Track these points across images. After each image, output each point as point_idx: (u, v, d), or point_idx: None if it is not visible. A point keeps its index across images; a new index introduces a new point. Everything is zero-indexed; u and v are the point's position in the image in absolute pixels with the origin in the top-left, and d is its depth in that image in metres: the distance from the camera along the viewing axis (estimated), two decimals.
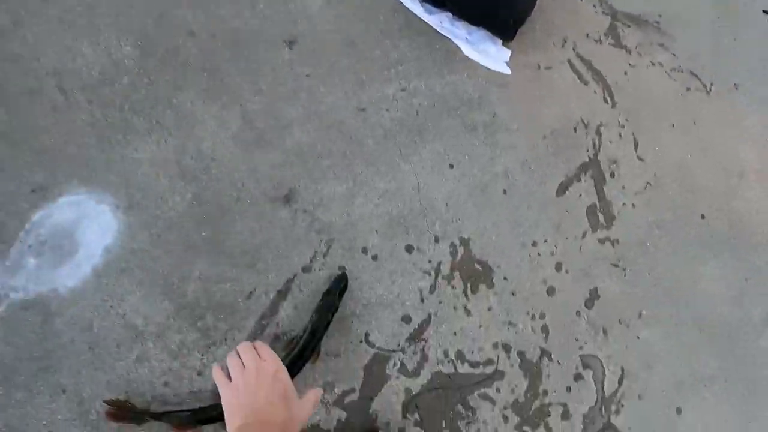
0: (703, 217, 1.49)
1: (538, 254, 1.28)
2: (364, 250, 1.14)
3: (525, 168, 1.32)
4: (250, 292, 1.05)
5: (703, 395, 1.38)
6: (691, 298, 1.42)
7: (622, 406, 1.29)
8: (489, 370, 1.19)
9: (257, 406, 0.62)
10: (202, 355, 1.00)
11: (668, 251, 1.42)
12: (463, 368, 1.17)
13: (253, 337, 1.04)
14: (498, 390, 1.19)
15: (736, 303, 1.48)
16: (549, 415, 1.22)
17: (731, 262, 1.50)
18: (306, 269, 1.10)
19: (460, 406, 1.15)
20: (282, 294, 1.07)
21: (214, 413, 0.92)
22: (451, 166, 1.25)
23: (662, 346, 1.36)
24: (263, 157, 1.11)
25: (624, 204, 1.40)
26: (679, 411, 1.35)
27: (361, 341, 1.11)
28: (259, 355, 0.68)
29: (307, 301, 1.08)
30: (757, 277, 1.53)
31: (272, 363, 0.67)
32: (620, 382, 1.30)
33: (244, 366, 0.68)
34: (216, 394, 1.00)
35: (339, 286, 1.08)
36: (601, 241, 1.35)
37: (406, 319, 1.15)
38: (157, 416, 0.92)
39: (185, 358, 0.99)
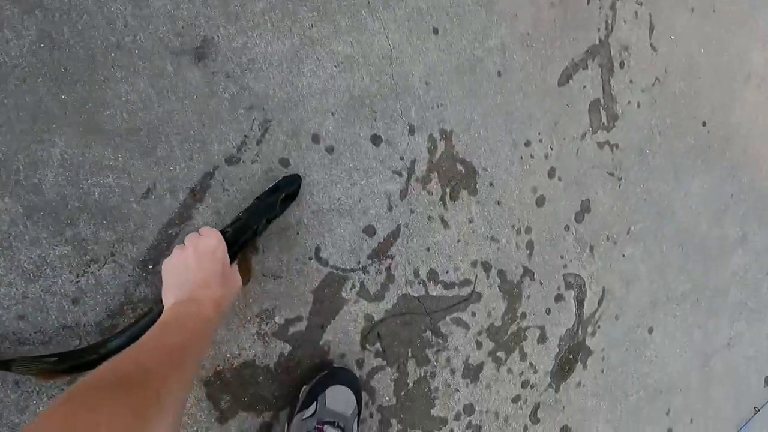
0: (704, 124, 1.32)
1: (531, 156, 1.05)
2: (315, 139, 0.84)
3: (525, 45, 1.02)
4: (148, 190, 0.73)
5: (674, 314, 1.32)
6: (677, 214, 1.29)
7: (599, 327, 1.18)
8: (465, 292, 0.99)
9: (191, 284, 0.61)
10: (78, 276, 0.69)
11: (665, 160, 1.25)
12: (436, 290, 0.96)
13: (155, 250, 0.73)
14: (473, 314, 1.01)
15: (717, 220, 1.38)
16: (525, 339, 1.08)
17: (721, 176, 1.37)
18: (231, 160, 0.78)
19: (429, 333, 0.96)
20: (197, 194, 0.76)
21: (93, 356, 0.64)
22: (435, 31, 0.92)
23: (644, 265, 1.24)
24: None
25: (629, 102, 1.18)
26: (650, 330, 1.28)
27: (310, 258, 0.85)
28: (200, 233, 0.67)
29: (234, 204, 0.78)
30: (741, 195, 1.43)
31: (211, 239, 0.65)
32: (600, 303, 1.18)
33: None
34: (104, 329, 0.71)
35: (290, 188, 0.78)
36: (600, 145, 1.14)
37: (369, 230, 0.89)
38: (4, 364, 0.62)
39: (50, 281, 0.68)
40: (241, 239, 0.70)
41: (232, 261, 0.69)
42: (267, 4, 0.78)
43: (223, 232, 0.69)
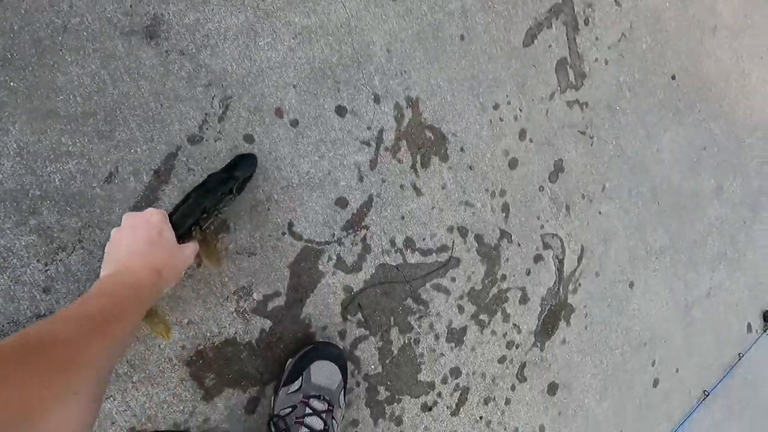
0: (673, 77, 1.32)
1: (500, 119, 1.05)
2: (279, 113, 0.83)
3: (486, 6, 1.02)
4: (110, 174, 0.72)
5: (654, 268, 1.34)
6: (651, 169, 1.31)
7: (580, 284, 1.20)
8: (443, 258, 1.00)
9: (125, 255, 0.60)
10: (47, 264, 0.69)
11: (636, 116, 1.26)
12: (414, 258, 0.97)
13: None
14: (453, 279, 1.02)
15: (691, 173, 1.40)
16: (506, 301, 1.09)
17: (692, 129, 1.39)
18: (194, 139, 0.77)
19: (410, 301, 0.98)
20: (162, 175, 0.75)
21: None
22: None
23: (621, 221, 1.26)
24: None
25: (596, 60, 1.18)
26: (631, 285, 1.30)
27: (283, 233, 0.85)
28: None
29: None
30: (714, 147, 1.44)
31: (146, 211, 0.64)
32: (579, 261, 1.19)
33: None
34: None
35: (243, 164, 0.76)
36: (570, 105, 1.14)
37: (341, 202, 0.89)
38: None
39: (18, 271, 0.68)
40: (194, 215, 0.68)
41: (184, 237, 0.68)
42: None
43: (175, 209, 0.69)
